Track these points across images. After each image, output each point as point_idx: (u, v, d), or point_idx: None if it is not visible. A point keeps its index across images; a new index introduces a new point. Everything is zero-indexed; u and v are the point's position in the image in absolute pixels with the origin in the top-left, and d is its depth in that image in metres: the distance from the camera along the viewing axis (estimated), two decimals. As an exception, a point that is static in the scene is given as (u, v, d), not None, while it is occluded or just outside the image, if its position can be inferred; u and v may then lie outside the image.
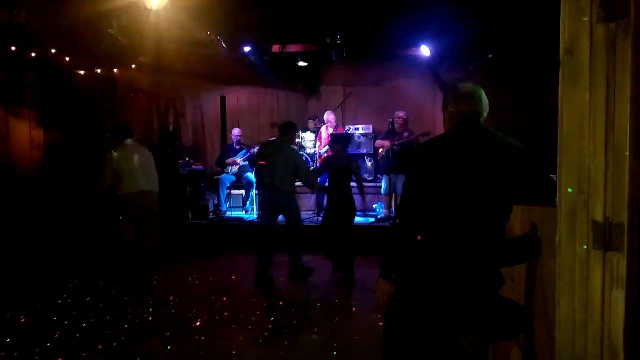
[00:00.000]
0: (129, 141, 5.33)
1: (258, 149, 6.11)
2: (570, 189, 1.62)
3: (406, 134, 7.51)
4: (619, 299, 1.51)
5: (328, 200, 5.90)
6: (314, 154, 8.56)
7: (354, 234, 5.85)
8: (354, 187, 5.87)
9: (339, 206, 5.71)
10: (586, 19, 1.56)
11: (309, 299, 5.15)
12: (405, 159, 7.25)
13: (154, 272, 5.60)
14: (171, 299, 4.96)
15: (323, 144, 8.45)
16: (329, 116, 8.49)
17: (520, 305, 2.22)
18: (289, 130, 5.61)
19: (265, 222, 5.57)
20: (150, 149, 6.40)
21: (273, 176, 5.32)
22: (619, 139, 1.49)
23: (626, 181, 1.48)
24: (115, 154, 5.21)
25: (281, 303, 4.88)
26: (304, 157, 8.46)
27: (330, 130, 8.44)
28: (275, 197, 5.41)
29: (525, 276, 2.23)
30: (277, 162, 5.31)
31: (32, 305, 4.77)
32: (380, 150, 7.82)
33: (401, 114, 7.56)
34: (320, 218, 7.79)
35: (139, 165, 5.23)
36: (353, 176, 5.79)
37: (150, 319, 4.42)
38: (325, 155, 8.20)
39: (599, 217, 1.54)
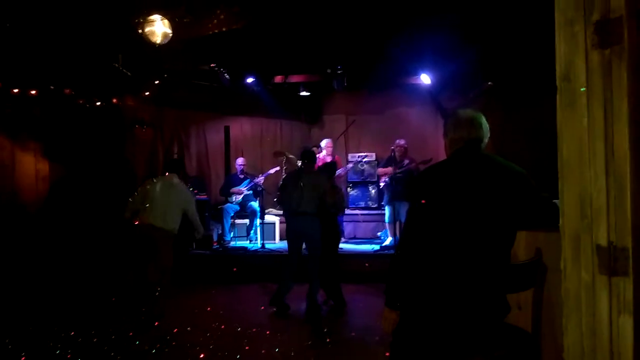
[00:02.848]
0: (168, 175, 5.45)
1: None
2: (575, 208, 1.62)
3: (407, 161, 7.54)
4: (626, 324, 1.49)
5: None
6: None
7: (338, 261, 5.81)
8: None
9: (323, 233, 5.59)
10: (581, 45, 1.59)
11: (316, 329, 5.09)
12: (406, 186, 7.26)
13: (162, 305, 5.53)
14: (175, 330, 4.91)
15: None
16: (327, 143, 8.51)
17: (528, 333, 2.19)
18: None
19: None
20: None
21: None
22: (618, 163, 1.50)
23: (628, 205, 1.48)
24: (148, 182, 5.36)
25: (288, 334, 4.82)
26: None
27: (329, 159, 8.44)
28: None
29: (532, 302, 2.20)
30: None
31: (39, 338, 4.72)
32: (382, 178, 7.84)
33: (401, 142, 7.61)
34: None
35: (160, 200, 5.24)
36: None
37: (154, 351, 4.36)
38: None
39: (603, 242, 1.53)
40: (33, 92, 7.72)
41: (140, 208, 5.23)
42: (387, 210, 7.66)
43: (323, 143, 8.51)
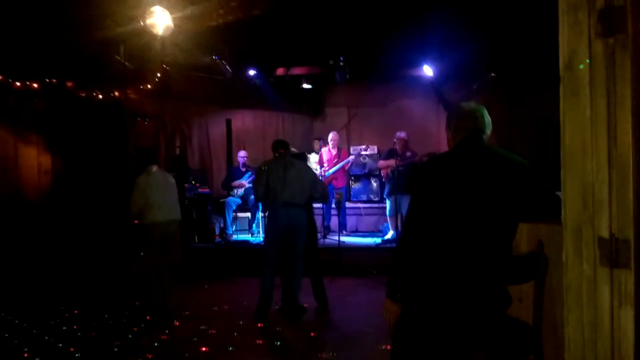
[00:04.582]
0: (154, 168, 5.28)
1: None
2: (577, 199, 1.60)
3: (408, 154, 7.51)
4: (628, 316, 1.48)
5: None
6: (319, 175, 8.56)
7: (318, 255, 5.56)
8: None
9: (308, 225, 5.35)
10: (584, 34, 1.56)
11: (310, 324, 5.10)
12: (409, 178, 7.24)
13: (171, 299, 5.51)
14: (177, 324, 4.92)
15: (328, 166, 8.42)
16: (333, 136, 8.50)
17: (529, 325, 2.18)
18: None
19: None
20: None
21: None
22: (621, 154, 1.48)
23: (630, 196, 1.46)
24: (142, 180, 5.14)
25: (292, 330, 4.83)
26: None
27: (334, 151, 8.44)
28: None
29: (533, 295, 2.19)
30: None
31: (42, 331, 4.74)
32: (383, 170, 7.82)
33: (402, 134, 7.57)
34: (327, 240, 7.79)
35: (164, 194, 5.20)
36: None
37: (156, 344, 4.38)
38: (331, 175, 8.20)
39: (605, 233, 1.52)
40: (35, 85, 7.71)
41: (145, 209, 5.08)
42: (388, 203, 7.64)
43: (331, 135, 8.49)
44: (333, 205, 8.20)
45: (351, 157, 8.63)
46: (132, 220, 5.27)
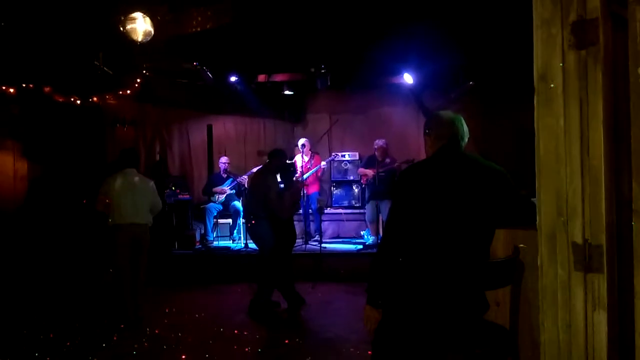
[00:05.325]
0: (128, 170, 5.23)
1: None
2: (551, 206, 1.65)
3: (388, 160, 7.58)
4: (601, 320, 1.52)
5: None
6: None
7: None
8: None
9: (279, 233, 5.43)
10: (558, 46, 1.62)
11: (298, 327, 5.09)
12: (388, 185, 7.31)
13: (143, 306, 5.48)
14: (156, 331, 4.87)
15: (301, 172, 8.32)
16: (304, 142, 8.45)
17: (506, 329, 2.22)
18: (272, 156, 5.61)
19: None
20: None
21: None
22: (594, 162, 1.53)
23: (602, 203, 1.51)
24: (111, 181, 5.12)
25: (276, 334, 4.81)
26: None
27: (306, 158, 8.43)
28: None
29: (510, 299, 2.24)
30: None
31: (17, 340, 4.64)
32: (363, 177, 7.88)
33: (380, 142, 7.64)
34: (308, 245, 7.79)
35: (131, 197, 5.12)
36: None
37: (135, 352, 4.32)
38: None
39: (579, 239, 1.56)
40: (12, 90, 7.58)
41: (114, 208, 5.07)
42: (367, 208, 7.70)
43: (301, 142, 8.49)
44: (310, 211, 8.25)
45: (323, 164, 8.60)
46: (96, 211, 5.18)
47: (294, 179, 5.76)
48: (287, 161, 5.77)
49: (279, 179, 5.57)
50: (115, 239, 5.11)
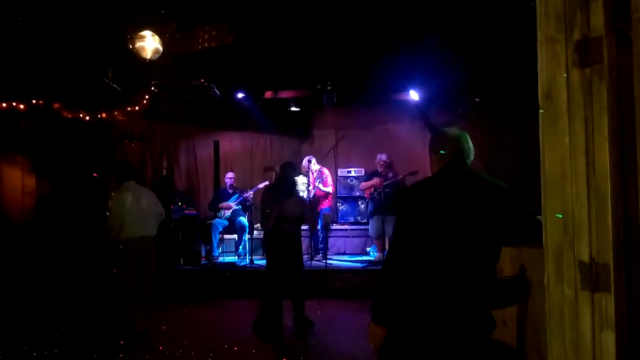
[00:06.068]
0: (130, 183, 5.28)
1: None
2: (557, 224, 1.63)
3: (390, 174, 7.57)
4: (609, 340, 1.50)
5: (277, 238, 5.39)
6: (307, 197, 8.57)
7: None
8: None
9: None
10: (562, 64, 1.62)
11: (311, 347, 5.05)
12: (393, 200, 7.29)
13: (149, 319, 5.46)
14: (161, 348, 4.85)
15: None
16: (310, 158, 8.42)
17: (513, 348, 2.19)
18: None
19: None
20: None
21: None
22: (599, 180, 1.52)
23: (609, 221, 1.50)
24: (118, 197, 5.17)
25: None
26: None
27: (313, 176, 8.37)
28: None
29: (517, 318, 2.21)
30: None
31: (26, 355, 4.63)
32: (366, 192, 7.86)
33: (383, 156, 7.65)
34: (313, 262, 7.75)
35: (139, 210, 5.18)
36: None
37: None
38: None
39: (585, 258, 1.55)
40: (21, 106, 7.68)
41: (122, 223, 5.09)
42: (371, 224, 7.67)
43: (306, 159, 8.45)
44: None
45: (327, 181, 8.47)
46: (109, 236, 5.21)
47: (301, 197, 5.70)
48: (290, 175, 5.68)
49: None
50: (124, 253, 5.12)
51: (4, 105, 7.52)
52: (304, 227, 5.99)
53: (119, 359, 4.55)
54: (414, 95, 8.28)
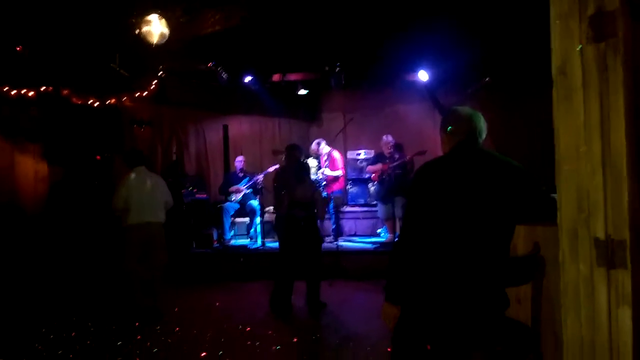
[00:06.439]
0: (139, 168, 5.33)
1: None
2: (572, 201, 1.63)
3: (397, 156, 7.54)
4: (625, 316, 1.50)
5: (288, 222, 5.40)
6: (317, 180, 8.58)
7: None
8: None
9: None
10: (576, 39, 1.59)
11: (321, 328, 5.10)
12: (402, 182, 7.28)
13: (161, 302, 5.54)
14: (177, 329, 4.92)
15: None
16: (320, 141, 8.42)
17: (528, 326, 2.20)
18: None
19: None
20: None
21: None
22: (615, 157, 1.51)
23: (625, 198, 1.49)
24: (125, 179, 5.23)
25: (297, 336, 4.84)
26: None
27: (324, 158, 8.37)
28: None
29: (531, 296, 2.22)
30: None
31: (42, 339, 4.73)
32: (373, 175, 7.84)
33: (388, 138, 7.61)
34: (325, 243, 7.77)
35: (146, 196, 5.23)
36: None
37: (155, 350, 4.37)
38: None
39: (601, 235, 1.54)
40: (31, 93, 7.71)
41: (127, 206, 5.16)
42: (380, 206, 7.67)
43: (315, 142, 8.46)
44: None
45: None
46: (115, 215, 5.30)
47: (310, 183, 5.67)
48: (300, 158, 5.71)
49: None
50: (128, 239, 5.19)
51: (14, 92, 7.56)
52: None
53: (137, 340, 4.63)
54: (423, 76, 8.20)
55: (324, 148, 8.35)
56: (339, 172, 8.21)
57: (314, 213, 5.45)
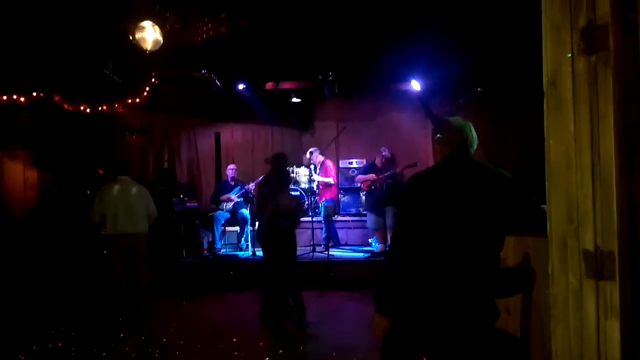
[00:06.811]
0: (122, 178, 5.29)
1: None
2: (562, 212, 1.63)
3: (388, 167, 7.57)
4: (614, 328, 1.50)
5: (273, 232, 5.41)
6: (309, 188, 8.57)
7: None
8: None
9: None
10: (567, 51, 1.60)
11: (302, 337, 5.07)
12: (393, 192, 7.29)
13: (148, 312, 5.50)
14: (164, 340, 4.86)
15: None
16: (313, 151, 8.45)
17: (517, 337, 2.19)
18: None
19: None
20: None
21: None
22: (604, 168, 1.51)
23: (614, 209, 1.49)
24: (104, 192, 5.19)
25: (283, 345, 4.79)
26: (298, 193, 8.49)
27: (318, 167, 8.41)
28: None
29: (521, 307, 2.21)
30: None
31: (25, 346, 4.65)
32: (363, 184, 7.85)
33: (386, 151, 7.62)
34: (315, 253, 7.75)
35: (126, 207, 5.16)
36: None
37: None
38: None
39: (590, 246, 1.54)
40: (22, 99, 7.66)
41: (103, 220, 5.13)
42: (369, 216, 7.67)
43: (309, 151, 8.49)
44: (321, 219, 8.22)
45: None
46: (93, 224, 5.29)
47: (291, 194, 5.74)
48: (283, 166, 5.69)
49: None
50: (109, 249, 5.16)
51: (5, 98, 7.51)
52: (306, 218, 6.00)
53: (122, 350, 4.56)
54: (415, 85, 8.25)
55: (318, 157, 8.37)
56: (330, 180, 8.21)
57: (294, 222, 5.50)
